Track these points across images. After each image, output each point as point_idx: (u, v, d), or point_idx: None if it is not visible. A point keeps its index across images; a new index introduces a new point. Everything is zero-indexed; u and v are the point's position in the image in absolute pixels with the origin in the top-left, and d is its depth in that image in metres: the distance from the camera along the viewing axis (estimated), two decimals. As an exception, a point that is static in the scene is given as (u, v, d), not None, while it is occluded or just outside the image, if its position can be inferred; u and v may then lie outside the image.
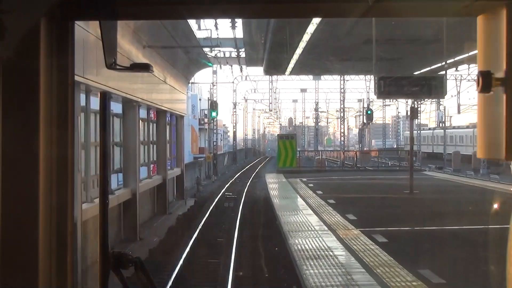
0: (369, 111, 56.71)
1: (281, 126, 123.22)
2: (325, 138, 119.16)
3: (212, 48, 37.04)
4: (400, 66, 36.83)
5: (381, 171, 49.79)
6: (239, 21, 32.27)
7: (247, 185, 41.55)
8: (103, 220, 2.28)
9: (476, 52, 2.38)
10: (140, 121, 23.60)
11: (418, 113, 50.17)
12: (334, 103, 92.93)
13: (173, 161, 32.84)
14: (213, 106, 54.00)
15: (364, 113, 60.66)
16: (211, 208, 28.63)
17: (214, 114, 54.71)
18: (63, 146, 2.40)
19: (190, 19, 25.13)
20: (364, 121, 63.94)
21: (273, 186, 34.84)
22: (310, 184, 34.06)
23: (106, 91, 3.17)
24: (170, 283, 14.51)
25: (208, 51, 37.76)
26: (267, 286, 14.67)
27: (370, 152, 70.71)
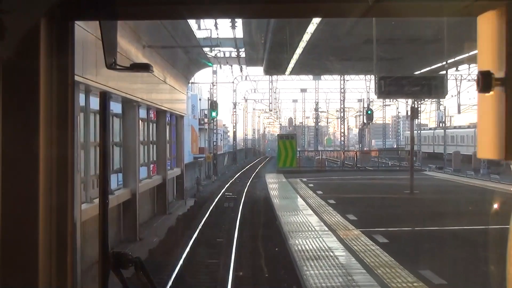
0: (369, 111, 56.72)
1: (281, 126, 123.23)
2: (325, 138, 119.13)
3: (212, 48, 37.06)
4: (400, 66, 36.81)
5: (381, 171, 49.79)
6: (239, 21, 32.30)
7: (247, 185, 41.54)
8: (103, 220, 2.28)
9: (476, 52, 2.38)
10: (140, 121, 23.60)
11: (419, 113, 50.19)
12: (334, 103, 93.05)
13: (173, 161, 32.83)
14: (213, 106, 54.00)
15: (364, 113, 60.66)
16: (211, 208, 28.63)
17: (214, 114, 54.71)
18: (63, 146, 2.40)
19: (190, 19, 25.12)
20: (364, 121, 63.94)
21: (273, 186, 34.84)
22: (310, 184, 34.06)
23: (106, 91, 3.17)
24: (170, 284, 14.51)
25: (208, 51, 37.77)
26: (268, 287, 14.66)
27: (370, 152, 70.69)
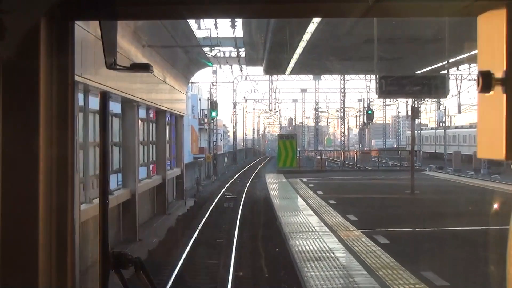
0: (370, 111, 56.73)
1: (281, 126, 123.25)
2: (325, 138, 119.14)
3: (212, 48, 37.05)
4: (401, 66, 36.81)
5: (382, 171, 49.77)
6: (239, 21, 32.32)
7: (247, 185, 41.53)
8: (103, 220, 2.27)
9: (476, 52, 2.38)
10: (140, 121, 23.58)
11: (419, 113, 50.17)
12: (334, 103, 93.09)
13: (173, 161, 32.82)
14: (213, 106, 53.99)
15: (364, 113, 60.66)
16: (211, 209, 28.62)
17: (214, 114, 54.71)
18: (63, 146, 2.39)
19: (190, 19, 25.13)
20: (364, 121, 63.95)
21: (273, 186, 34.84)
22: (311, 184, 34.06)
23: (106, 91, 3.17)
24: (170, 284, 14.49)
25: (208, 51, 37.76)
26: None
27: (371, 152, 70.67)
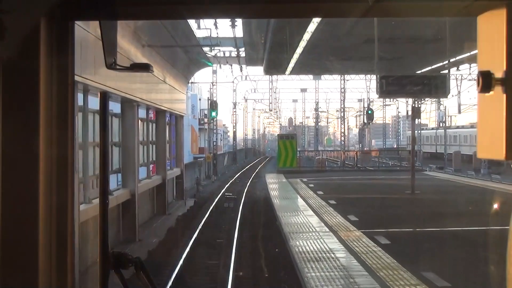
0: (370, 111, 56.74)
1: (281, 126, 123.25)
2: (325, 138, 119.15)
3: (212, 48, 37.05)
4: (401, 66, 36.81)
5: (382, 171, 49.72)
6: (239, 21, 32.33)
7: (247, 185, 41.53)
8: (103, 220, 2.27)
9: (477, 52, 2.38)
10: (139, 121, 23.57)
11: (420, 113, 50.13)
12: (334, 103, 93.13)
13: (173, 161, 32.82)
14: (213, 106, 53.99)
15: (365, 113, 60.66)
16: (211, 209, 28.61)
17: (214, 114, 54.70)
18: (63, 146, 2.39)
19: (190, 19, 25.12)
20: (364, 121, 63.94)
21: (273, 187, 34.83)
22: (311, 185, 34.05)
23: (106, 91, 3.17)
24: (170, 285, 14.49)
25: (208, 51, 37.77)
26: (268, 288, 14.62)
27: (371, 152, 70.65)
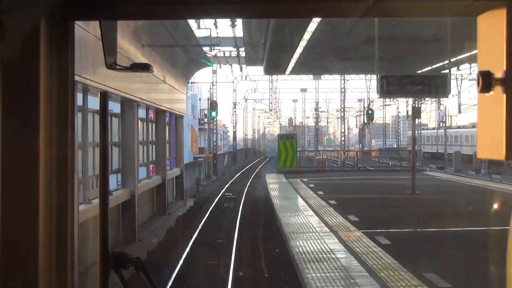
0: (370, 111, 56.74)
1: (281, 126, 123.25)
2: (325, 138, 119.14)
3: (212, 47, 37.03)
4: (401, 66, 36.79)
5: (382, 171, 49.67)
6: (239, 21, 32.33)
7: (247, 186, 41.53)
8: (103, 220, 2.27)
9: (477, 52, 2.38)
10: (139, 121, 23.56)
11: (420, 113, 50.13)
12: (334, 103, 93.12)
13: (173, 161, 32.82)
14: (213, 106, 53.99)
15: (365, 113, 60.67)
16: (211, 209, 28.61)
17: (214, 114, 54.70)
18: (63, 146, 2.40)
19: (190, 19, 25.12)
20: (365, 121, 63.94)
21: (274, 187, 34.82)
22: (311, 185, 34.02)
23: (106, 91, 3.17)
24: (170, 285, 14.48)
25: (208, 50, 37.75)
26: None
27: (371, 152, 70.62)
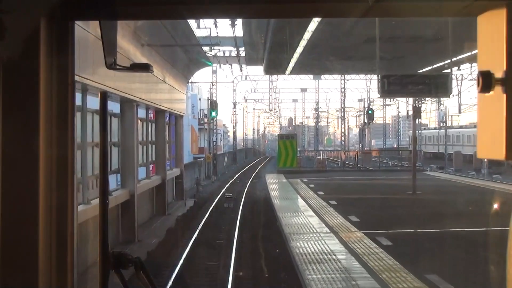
0: (370, 111, 56.72)
1: (281, 126, 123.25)
2: (325, 138, 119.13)
3: (212, 47, 37.02)
4: (401, 65, 36.80)
5: (382, 171, 49.60)
6: (239, 21, 32.34)
7: (247, 186, 41.52)
8: (103, 220, 2.27)
9: (477, 52, 2.38)
10: (139, 121, 23.54)
11: (420, 113, 50.10)
12: (335, 103, 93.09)
13: (173, 161, 32.80)
14: (213, 106, 53.98)
15: (365, 113, 60.66)
16: (211, 209, 28.59)
17: (214, 114, 54.68)
18: (63, 146, 2.40)
19: (190, 19, 25.11)
20: (365, 121, 63.93)
21: (274, 187, 34.80)
22: (311, 185, 34.00)
23: (106, 91, 3.17)
24: (170, 285, 14.48)
25: (208, 50, 37.73)
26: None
27: (371, 152, 70.58)
